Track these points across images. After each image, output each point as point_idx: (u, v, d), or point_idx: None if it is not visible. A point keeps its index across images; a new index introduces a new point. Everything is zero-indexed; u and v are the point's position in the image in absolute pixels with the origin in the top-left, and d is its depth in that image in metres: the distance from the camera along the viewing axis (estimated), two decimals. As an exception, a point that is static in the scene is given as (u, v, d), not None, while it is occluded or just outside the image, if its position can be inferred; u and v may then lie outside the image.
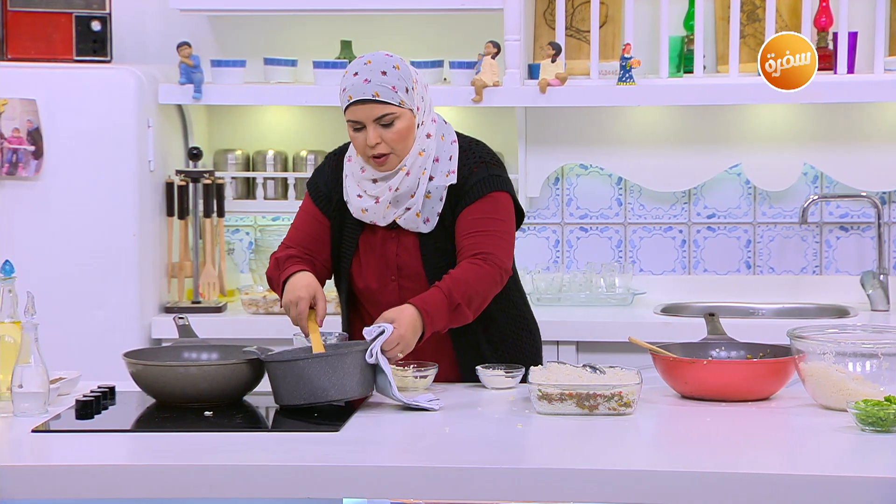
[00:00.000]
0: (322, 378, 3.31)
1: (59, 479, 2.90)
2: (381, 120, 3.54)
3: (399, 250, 3.65)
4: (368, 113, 3.54)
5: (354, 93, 3.54)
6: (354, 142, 3.60)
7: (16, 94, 4.73)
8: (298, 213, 3.79)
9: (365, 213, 3.64)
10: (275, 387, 3.37)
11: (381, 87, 3.54)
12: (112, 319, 4.75)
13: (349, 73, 3.58)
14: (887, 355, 3.29)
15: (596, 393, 3.25)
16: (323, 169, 3.77)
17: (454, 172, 3.63)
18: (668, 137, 5.13)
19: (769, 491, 2.77)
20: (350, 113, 3.56)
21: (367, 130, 3.55)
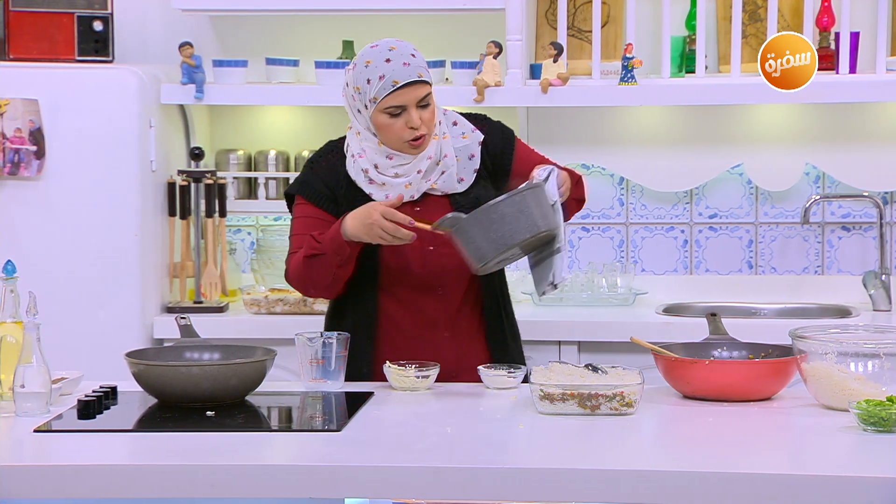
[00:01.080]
0: (533, 209, 3.39)
1: (60, 479, 2.90)
2: (422, 101, 3.59)
3: (433, 217, 3.61)
4: (414, 95, 3.59)
5: (400, 76, 3.57)
6: (390, 129, 3.61)
7: (18, 94, 4.73)
8: (298, 222, 3.74)
9: (409, 188, 3.65)
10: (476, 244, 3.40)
11: (420, 67, 3.61)
12: (114, 319, 4.75)
13: (378, 61, 3.59)
14: (889, 355, 3.28)
15: (598, 393, 3.25)
16: (314, 174, 3.73)
17: (476, 130, 3.73)
18: (670, 137, 5.13)
19: (771, 491, 2.77)
20: (392, 99, 3.58)
21: (410, 113, 3.58)
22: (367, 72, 3.60)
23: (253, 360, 3.40)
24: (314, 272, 3.65)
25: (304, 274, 3.67)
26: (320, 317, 4.76)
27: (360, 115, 3.67)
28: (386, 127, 3.62)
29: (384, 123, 3.61)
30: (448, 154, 3.69)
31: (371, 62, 3.60)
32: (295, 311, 4.84)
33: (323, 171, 3.74)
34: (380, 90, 3.58)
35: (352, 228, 3.57)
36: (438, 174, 3.68)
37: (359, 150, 3.69)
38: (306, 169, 3.78)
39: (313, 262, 3.64)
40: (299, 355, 3.57)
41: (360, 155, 3.68)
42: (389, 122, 3.60)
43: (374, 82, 3.59)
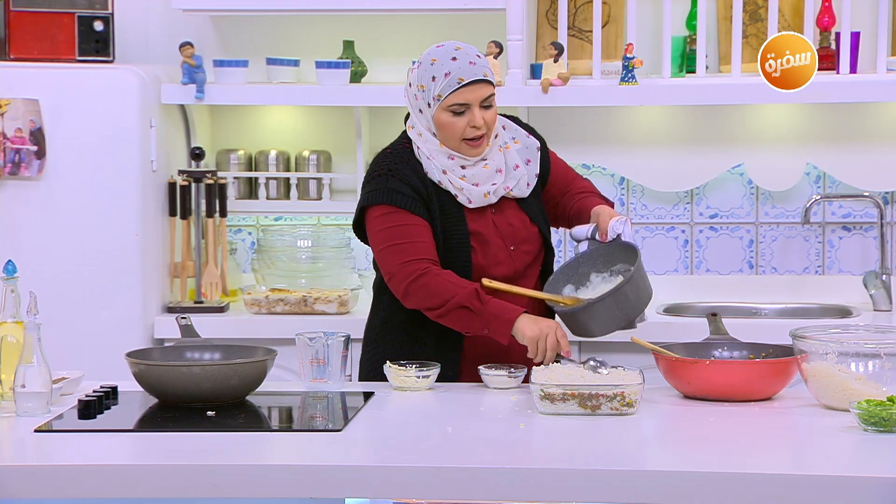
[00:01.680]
0: (646, 282, 3.63)
1: (61, 478, 2.90)
2: (486, 101, 3.63)
3: (509, 221, 3.73)
4: (478, 94, 3.62)
5: (466, 74, 3.60)
6: (451, 127, 3.63)
7: (18, 94, 4.73)
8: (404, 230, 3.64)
9: (487, 197, 3.70)
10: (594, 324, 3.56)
11: (485, 68, 3.65)
12: (114, 319, 4.75)
13: (443, 60, 3.62)
14: (890, 355, 3.28)
15: (598, 393, 3.25)
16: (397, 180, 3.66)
17: (530, 136, 3.81)
18: (671, 137, 5.13)
19: (772, 491, 2.77)
20: (457, 96, 3.61)
21: (473, 112, 3.62)
22: (432, 69, 3.63)
23: (253, 360, 3.40)
24: (454, 317, 3.59)
25: (440, 305, 3.59)
26: (321, 317, 4.80)
27: (422, 114, 3.69)
28: (448, 125, 3.64)
29: (446, 121, 3.64)
30: (519, 165, 3.74)
31: (437, 60, 3.63)
32: (295, 311, 4.84)
33: (406, 177, 3.67)
34: (445, 87, 3.61)
35: (525, 324, 3.56)
36: (514, 181, 3.74)
37: (427, 153, 3.70)
38: (382, 179, 3.67)
39: (461, 314, 3.58)
40: (299, 355, 3.57)
41: (430, 157, 3.69)
42: (452, 121, 3.63)
43: (439, 80, 3.62)
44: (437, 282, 3.60)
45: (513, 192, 3.75)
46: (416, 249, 3.64)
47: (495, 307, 3.59)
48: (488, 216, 3.74)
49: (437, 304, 3.60)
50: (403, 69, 5.09)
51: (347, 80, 4.97)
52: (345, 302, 4.85)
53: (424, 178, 3.70)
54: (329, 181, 5.18)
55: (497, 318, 3.57)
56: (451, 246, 3.69)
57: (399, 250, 3.65)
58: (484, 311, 3.57)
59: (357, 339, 3.88)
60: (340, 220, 5.24)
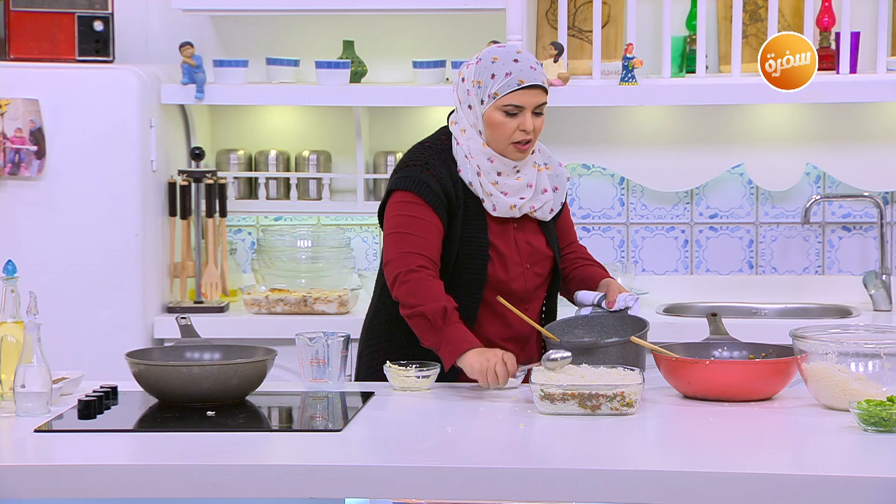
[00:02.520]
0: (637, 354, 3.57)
1: (61, 478, 2.90)
2: (538, 108, 3.66)
3: (528, 239, 3.75)
4: (534, 99, 3.64)
5: (528, 78, 3.63)
6: (502, 128, 3.64)
7: (18, 94, 4.73)
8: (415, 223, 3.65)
9: (513, 209, 3.71)
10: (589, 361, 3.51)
11: (543, 76, 3.68)
12: (114, 319, 4.75)
13: (505, 60, 3.64)
14: (890, 355, 3.28)
15: (598, 393, 3.25)
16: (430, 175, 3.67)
17: (562, 165, 3.86)
18: (671, 137, 5.13)
19: (772, 491, 2.77)
20: (515, 97, 3.62)
21: (525, 116, 3.63)
22: (493, 67, 3.64)
23: (253, 360, 3.40)
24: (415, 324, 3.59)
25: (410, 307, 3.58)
26: (321, 317, 4.80)
27: (472, 110, 3.69)
28: (499, 125, 3.65)
29: (498, 121, 3.65)
30: (546, 189, 3.77)
31: (498, 59, 3.65)
32: (295, 311, 4.85)
33: (440, 173, 3.68)
34: (503, 86, 3.62)
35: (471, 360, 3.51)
36: (541, 203, 3.75)
37: (467, 150, 3.69)
38: (417, 169, 3.68)
39: (424, 327, 3.57)
40: (299, 355, 3.57)
41: (470, 156, 3.69)
42: (503, 121, 3.64)
43: (498, 78, 3.63)
44: (421, 284, 3.59)
45: (536, 213, 3.76)
46: (420, 244, 3.64)
47: (453, 332, 3.54)
48: (510, 230, 3.74)
49: (411, 303, 3.59)
50: (403, 69, 5.11)
51: (347, 80, 4.97)
52: (345, 302, 4.85)
53: (457, 180, 3.69)
54: (329, 181, 5.18)
55: (450, 342, 3.53)
56: (469, 253, 3.69)
57: (405, 239, 3.64)
58: (441, 331, 3.54)
59: (357, 339, 3.88)
60: (340, 220, 5.25)
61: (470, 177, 3.69)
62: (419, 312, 3.57)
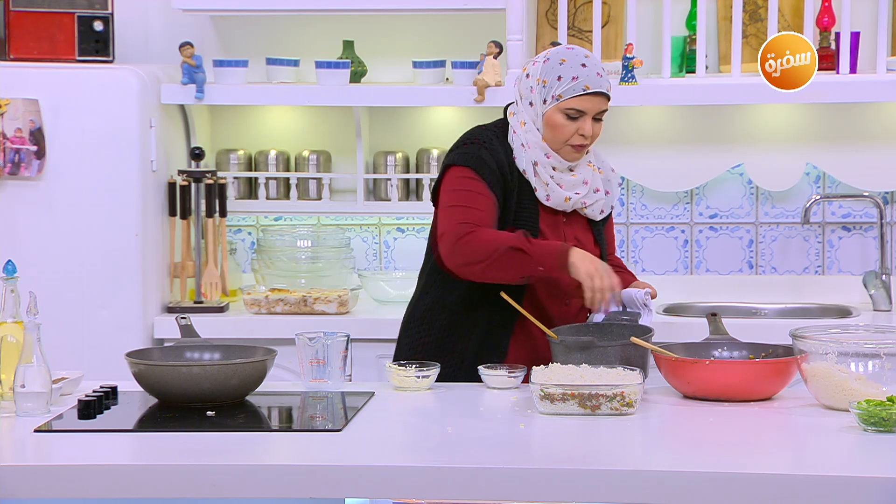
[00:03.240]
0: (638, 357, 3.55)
1: (61, 478, 2.90)
2: (599, 114, 3.70)
3: (577, 234, 3.78)
4: (597, 105, 3.69)
5: (593, 84, 3.67)
6: (563, 129, 3.68)
7: (18, 94, 4.73)
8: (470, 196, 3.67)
9: (567, 202, 3.74)
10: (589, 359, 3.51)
11: (608, 83, 3.72)
12: (114, 319, 4.75)
13: (573, 64, 3.67)
14: (890, 355, 3.28)
15: (598, 393, 3.25)
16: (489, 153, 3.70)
17: (615, 170, 3.93)
18: (671, 137, 5.13)
19: (772, 491, 2.77)
20: (579, 101, 3.66)
21: (586, 120, 3.68)
22: (560, 69, 3.67)
23: (253, 360, 3.40)
24: (505, 265, 3.60)
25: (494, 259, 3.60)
26: (320, 317, 4.80)
27: (533, 107, 3.72)
28: (559, 127, 3.69)
29: (558, 123, 3.69)
30: (599, 189, 3.80)
31: (566, 61, 3.68)
32: (295, 311, 4.85)
33: (498, 153, 3.72)
34: (569, 90, 3.66)
35: (580, 258, 3.59)
36: (594, 200, 3.79)
37: (524, 141, 3.72)
38: (475, 146, 3.72)
39: (513, 257, 3.58)
40: (299, 355, 3.57)
41: (528, 146, 3.72)
42: (564, 123, 3.68)
43: (565, 80, 3.66)
44: (483, 235, 3.62)
45: (587, 210, 3.79)
46: (475, 216, 3.65)
47: (545, 245, 3.63)
48: (560, 223, 3.77)
49: (484, 255, 3.59)
50: (403, 69, 5.11)
51: (347, 80, 4.97)
52: (344, 302, 4.85)
53: (512, 164, 3.73)
54: (329, 181, 5.18)
55: (551, 253, 3.60)
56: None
57: (461, 212, 3.66)
58: (534, 251, 3.59)
59: (357, 339, 3.89)
60: (340, 220, 5.25)
61: (524, 165, 3.72)
62: (502, 251, 3.58)
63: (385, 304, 5.00)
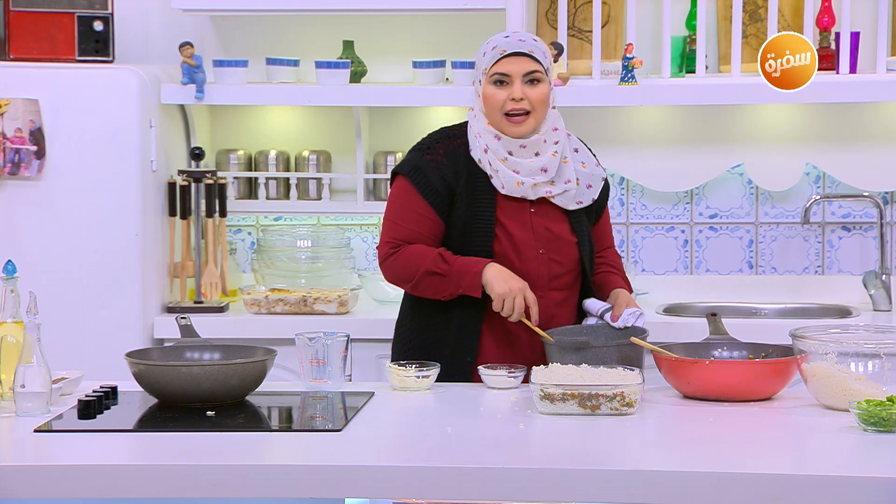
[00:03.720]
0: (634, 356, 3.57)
1: (61, 478, 2.90)
2: (529, 75, 3.68)
3: (547, 224, 3.76)
4: (520, 67, 3.69)
5: (509, 47, 3.70)
6: (493, 99, 3.70)
7: (18, 94, 4.73)
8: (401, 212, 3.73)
9: (519, 187, 3.72)
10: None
11: (534, 47, 3.72)
12: (114, 319, 4.75)
13: (497, 38, 3.74)
14: (889, 355, 3.28)
15: (598, 393, 3.25)
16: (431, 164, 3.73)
17: (599, 165, 3.89)
18: (671, 137, 5.13)
19: (772, 491, 2.77)
20: (499, 65, 3.69)
21: (514, 84, 3.68)
22: (485, 47, 3.75)
23: (253, 360, 3.40)
24: (426, 287, 3.70)
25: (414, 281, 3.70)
26: (320, 317, 4.80)
27: (476, 92, 3.77)
28: (489, 97, 3.71)
29: (489, 94, 3.72)
30: (570, 179, 3.76)
31: (491, 40, 3.75)
32: (295, 311, 4.84)
33: (440, 159, 3.75)
34: (489, 59, 3.70)
35: (492, 273, 3.63)
36: (560, 191, 3.76)
37: (476, 131, 3.74)
38: (418, 153, 3.77)
39: (432, 281, 3.68)
40: (299, 355, 3.57)
41: (478, 135, 3.74)
42: (494, 92, 3.71)
43: (487, 54, 3.72)
44: (403, 258, 3.70)
45: (555, 198, 3.76)
46: (402, 234, 3.72)
47: (462, 264, 3.66)
48: (524, 212, 3.75)
49: (406, 277, 3.72)
50: (403, 69, 5.11)
51: (347, 80, 4.97)
52: (344, 302, 4.85)
53: (459, 161, 3.73)
54: (329, 181, 5.17)
55: (465, 273, 3.64)
56: (473, 231, 3.72)
57: (388, 228, 3.76)
58: (451, 272, 3.65)
59: (357, 339, 3.89)
60: (340, 220, 5.25)
61: (479, 154, 3.74)
62: (421, 275, 3.67)
63: (385, 304, 5.00)
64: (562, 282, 3.80)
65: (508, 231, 3.72)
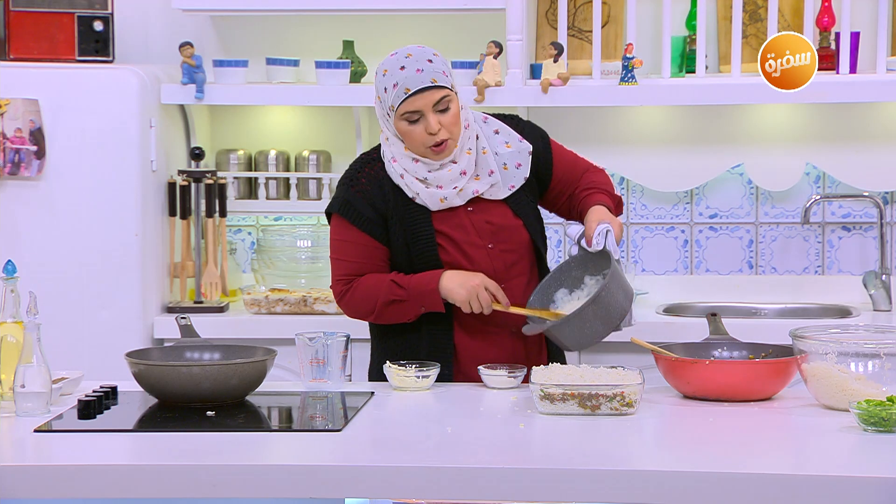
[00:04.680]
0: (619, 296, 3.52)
1: (61, 478, 2.90)
2: (439, 105, 3.61)
3: (488, 219, 3.72)
4: (428, 100, 3.60)
5: (412, 83, 3.59)
6: (411, 135, 3.63)
7: (18, 94, 4.73)
8: (341, 246, 3.73)
9: (443, 202, 3.69)
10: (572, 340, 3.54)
11: (434, 73, 3.62)
12: (114, 319, 4.75)
13: (393, 70, 3.61)
14: (889, 355, 3.28)
15: (598, 393, 3.25)
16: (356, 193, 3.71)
17: (523, 140, 3.76)
18: (671, 137, 5.13)
19: (772, 491, 2.77)
20: (408, 104, 3.60)
21: (427, 119, 3.61)
22: (384, 80, 3.63)
23: (253, 360, 3.40)
24: (390, 316, 3.69)
25: (375, 313, 3.70)
26: (320, 317, 4.80)
27: (385, 122, 3.70)
28: (406, 134, 3.64)
29: (405, 130, 3.64)
30: (494, 170, 3.70)
31: (387, 71, 3.63)
32: (295, 311, 4.85)
33: (365, 188, 3.72)
34: (395, 98, 3.61)
35: (448, 284, 3.63)
36: (487, 186, 3.71)
37: (391, 155, 3.71)
38: (344, 188, 3.74)
39: (394, 308, 3.68)
40: (299, 355, 3.57)
41: (394, 160, 3.70)
42: (409, 129, 3.63)
43: (389, 91, 3.62)
44: (360, 289, 3.70)
45: (484, 195, 3.71)
46: (348, 269, 3.72)
47: (416, 284, 3.65)
48: (461, 214, 3.71)
49: (367, 310, 3.72)
50: (403, 69, 5.10)
51: (347, 80, 4.97)
52: (345, 302, 4.85)
53: (384, 185, 3.70)
54: (329, 181, 5.17)
55: (422, 294, 3.63)
56: (416, 247, 3.70)
57: (336, 266, 3.76)
58: (409, 295, 3.64)
59: (357, 339, 3.89)
60: (340, 220, 5.24)
61: (396, 179, 3.70)
62: (381, 306, 3.67)
63: (385, 304, 5.01)
64: (519, 268, 3.77)
65: (451, 237, 3.70)
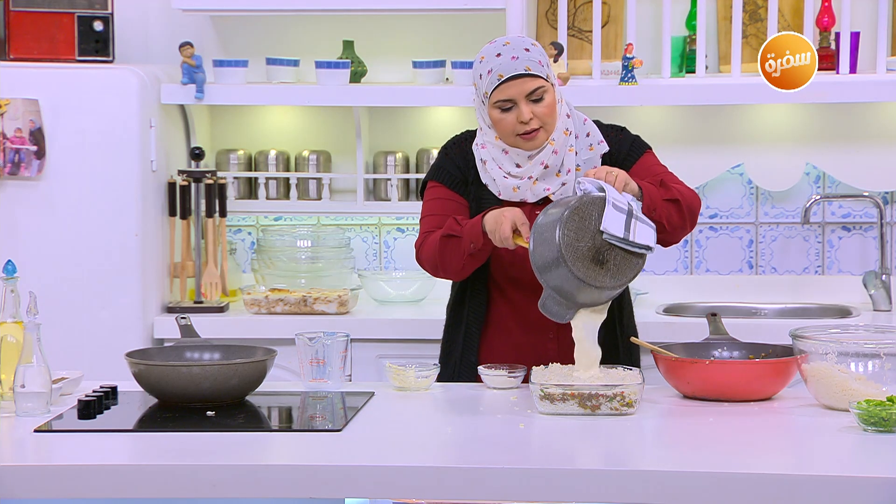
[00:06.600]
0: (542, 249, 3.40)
1: (61, 478, 2.90)
2: (533, 95, 3.60)
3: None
4: (521, 88, 3.60)
5: (505, 70, 3.59)
6: (502, 123, 3.63)
7: (18, 94, 4.73)
8: (431, 204, 3.76)
9: (516, 192, 3.68)
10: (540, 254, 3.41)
11: (530, 61, 3.60)
12: (114, 319, 4.75)
13: (490, 56, 3.62)
14: (889, 355, 3.29)
15: (598, 393, 3.25)
16: (448, 159, 3.76)
17: (603, 142, 3.74)
18: (671, 137, 5.13)
19: (772, 491, 2.77)
20: (500, 92, 3.60)
21: (520, 107, 3.60)
22: (480, 67, 3.65)
23: (253, 360, 3.40)
24: (447, 254, 3.65)
25: (437, 253, 3.67)
26: (320, 317, 4.80)
27: (480, 110, 3.72)
28: (498, 121, 3.65)
29: (497, 118, 3.65)
30: (571, 169, 3.69)
31: (484, 58, 3.65)
32: (295, 311, 4.84)
33: (457, 157, 3.76)
34: (489, 85, 3.62)
35: (488, 215, 3.60)
36: (559, 185, 3.69)
37: (481, 142, 3.72)
38: (441, 156, 3.80)
39: (449, 243, 3.64)
40: (299, 355, 3.57)
41: (483, 146, 3.72)
42: (501, 117, 3.63)
43: (484, 77, 3.63)
44: (430, 238, 3.69)
45: (555, 195, 3.69)
46: (431, 223, 3.71)
47: (471, 221, 3.62)
48: (527, 211, 3.67)
49: (432, 255, 3.67)
50: (403, 69, 5.11)
51: (347, 80, 4.97)
52: (344, 302, 4.85)
53: (470, 158, 3.74)
54: (329, 181, 5.18)
55: (473, 225, 3.60)
56: None
57: (426, 222, 3.75)
58: (463, 231, 3.61)
59: (357, 339, 3.90)
60: (340, 220, 5.25)
61: (479, 165, 3.72)
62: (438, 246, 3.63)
63: (385, 304, 5.01)
64: None
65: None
